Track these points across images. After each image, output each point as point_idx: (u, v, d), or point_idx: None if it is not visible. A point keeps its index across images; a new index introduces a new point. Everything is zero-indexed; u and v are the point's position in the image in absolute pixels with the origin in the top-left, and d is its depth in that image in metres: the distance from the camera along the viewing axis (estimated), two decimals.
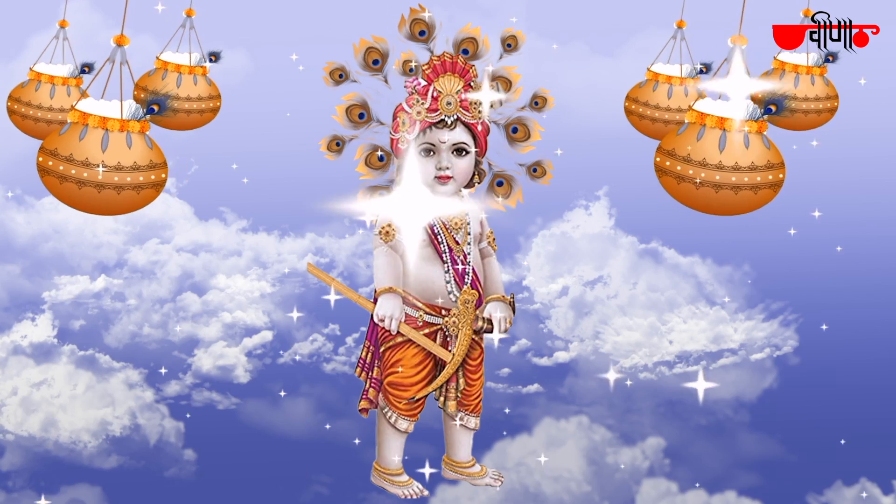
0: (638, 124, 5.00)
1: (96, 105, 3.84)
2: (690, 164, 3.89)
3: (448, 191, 3.56)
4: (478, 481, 3.81)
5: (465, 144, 3.53)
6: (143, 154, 3.81)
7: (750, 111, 3.84)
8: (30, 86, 5.04)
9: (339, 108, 3.62)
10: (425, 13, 3.57)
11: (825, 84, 4.92)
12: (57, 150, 3.78)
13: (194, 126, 5.02)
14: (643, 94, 5.01)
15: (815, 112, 4.86)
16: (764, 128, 3.90)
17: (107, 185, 3.75)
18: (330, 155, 3.65)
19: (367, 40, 3.55)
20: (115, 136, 3.78)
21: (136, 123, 3.78)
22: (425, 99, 3.52)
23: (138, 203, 3.86)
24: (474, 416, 3.73)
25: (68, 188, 3.77)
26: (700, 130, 3.91)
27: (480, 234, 3.70)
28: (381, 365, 3.63)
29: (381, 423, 3.67)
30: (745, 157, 3.85)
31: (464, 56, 3.58)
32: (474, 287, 3.62)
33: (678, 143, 3.95)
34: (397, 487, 3.69)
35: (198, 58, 5.03)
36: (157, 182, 3.86)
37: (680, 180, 3.90)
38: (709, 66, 4.86)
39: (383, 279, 3.52)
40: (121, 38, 3.99)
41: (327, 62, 3.60)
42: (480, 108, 3.60)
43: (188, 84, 5.01)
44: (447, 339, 3.61)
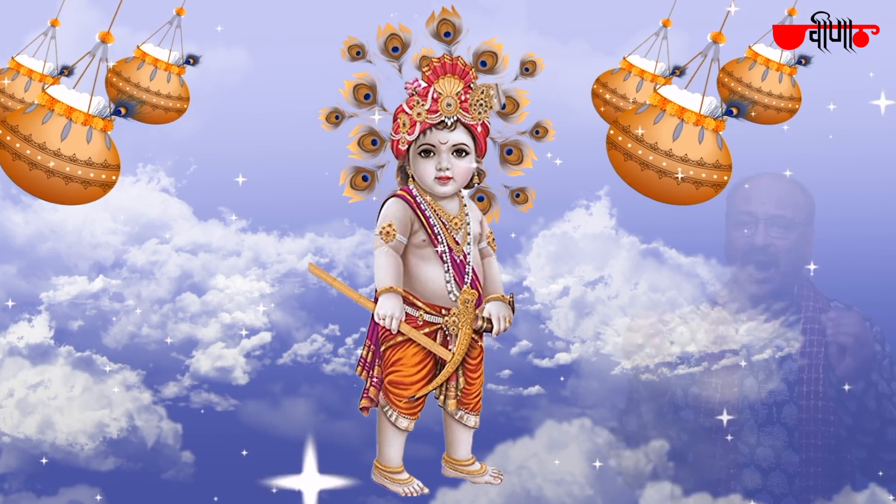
0: (601, 109, 5.01)
1: (66, 94, 3.95)
2: (641, 145, 3.97)
3: (448, 191, 3.65)
4: (477, 479, 3.88)
5: (464, 146, 3.62)
6: (100, 152, 3.92)
7: (712, 108, 3.95)
8: (7, 73, 5.08)
9: (348, 83, 3.71)
10: (456, 17, 3.69)
11: (791, 85, 4.93)
12: (17, 128, 3.87)
13: (158, 122, 5.08)
14: (613, 81, 5.01)
15: (775, 109, 4.87)
16: (721, 127, 3.98)
17: (57, 173, 3.83)
18: (327, 126, 3.74)
19: (392, 26, 3.66)
20: (77, 128, 3.88)
21: (101, 120, 3.89)
22: (425, 100, 3.61)
23: (82, 198, 3.93)
24: (474, 415, 3.80)
25: (19, 166, 3.86)
26: (658, 114, 3.99)
27: (480, 234, 3.78)
28: (382, 364, 3.71)
29: (382, 422, 3.75)
30: (696, 151, 3.93)
31: (481, 68, 3.70)
32: (474, 287, 3.70)
33: (634, 122, 4.03)
34: (398, 485, 3.77)
35: (177, 57, 5.09)
36: (106, 182, 3.95)
37: (627, 157, 3.97)
38: (683, 71, 4.92)
39: (384, 279, 3.60)
40: (106, 35, 4.10)
41: (349, 37, 3.69)
42: (481, 110, 3.73)
43: (161, 79, 5.05)
44: (447, 339, 3.69)
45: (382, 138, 3.74)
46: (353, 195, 3.77)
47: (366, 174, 3.75)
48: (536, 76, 3.79)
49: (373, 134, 3.73)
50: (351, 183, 3.75)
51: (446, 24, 3.70)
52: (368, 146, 3.75)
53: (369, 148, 3.74)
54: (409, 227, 3.66)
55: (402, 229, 3.64)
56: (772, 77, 4.86)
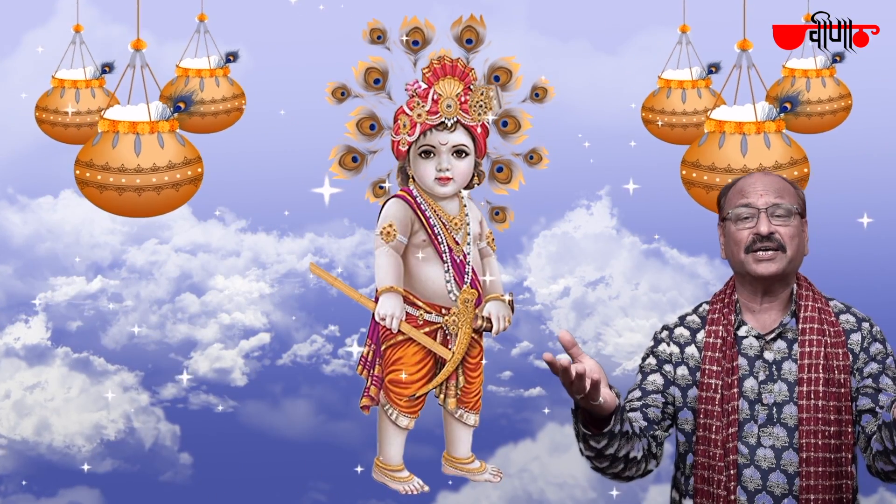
0: (657, 132, 5.17)
1: (123, 111, 4.04)
2: (716, 173, 4.10)
3: (448, 192, 3.76)
4: (477, 477, 4.00)
5: (464, 146, 3.73)
6: (177, 152, 4.00)
7: (767, 112, 4.07)
8: (55, 93, 5.22)
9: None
10: (482, 28, 3.82)
11: (836, 84, 5.09)
12: (92, 161, 3.97)
13: (224, 127, 5.19)
14: (658, 102, 5.18)
15: (831, 113, 5.03)
16: (782, 126, 4.11)
17: (146, 188, 3.93)
18: (331, 100, 3.85)
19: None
20: (147, 139, 3.97)
21: (166, 123, 3.98)
22: (426, 102, 3.73)
23: (179, 201, 4.04)
24: (474, 413, 3.91)
25: (109, 196, 3.95)
26: (720, 138, 4.12)
27: (480, 234, 3.89)
28: (383, 363, 3.81)
29: (383, 420, 3.86)
30: (769, 156, 4.06)
31: (495, 82, 3.83)
32: (474, 286, 3.82)
33: (701, 154, 4.17)
34: (398, 483, 3.89)
35: (216, 60, 5.21)
36: (193, 177, 4.04)
37: (708, 189, 4.10)
38: (718, 66, 5.02)
39: (384, 279, 3.72)
40: (137, 42, 4.19)
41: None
42: (480, 111, 3.85)
43: (211, 87, 5.20)
44: (447, 338, 3.81)
45: (381, 125, 3.84)
46: (339, 173, 3.87)
47: (356, 155, 3.85)
48: (545, 102, 3.92)
49: (372, 119, 3.83)
50: (340, 161, 3.86)
51: (470, 32, 3.82)
52: (366, 130, 3.85)
53: (367, 132, 3.84)
54: (410, 228, 3.76)
55: (403, 229, 3.74)
56: (815, 85, 5.02)
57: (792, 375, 2.57)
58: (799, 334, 2.59)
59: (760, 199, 2.59)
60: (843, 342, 2.59)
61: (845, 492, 2.53)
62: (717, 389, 2.58)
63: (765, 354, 2.61)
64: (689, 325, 2.70)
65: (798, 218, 2.62)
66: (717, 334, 2.63)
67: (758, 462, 2.56)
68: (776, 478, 2.54)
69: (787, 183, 2.65)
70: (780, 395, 2.56)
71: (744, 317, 2.65)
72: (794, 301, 2.63)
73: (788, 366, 2.57)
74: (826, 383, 2.54)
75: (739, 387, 2.58)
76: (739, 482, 2.56)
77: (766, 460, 2.55)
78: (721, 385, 2.60)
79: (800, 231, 2.62)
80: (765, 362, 2.60)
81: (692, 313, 2.73)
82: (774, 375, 2.59)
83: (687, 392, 2.65)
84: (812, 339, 2.58)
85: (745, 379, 2.59)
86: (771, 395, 2.56)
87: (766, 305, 2.64)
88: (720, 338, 2.63)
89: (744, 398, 2.58)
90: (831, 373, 2.56)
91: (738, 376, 2.59)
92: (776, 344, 2.61)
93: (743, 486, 2.56)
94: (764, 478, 2.55)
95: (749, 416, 2.57)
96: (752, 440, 2.56)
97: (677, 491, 2.68)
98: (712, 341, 2.63)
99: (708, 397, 2.59)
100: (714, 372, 2.60)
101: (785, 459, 2.55)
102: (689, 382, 2.65)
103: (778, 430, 2.54)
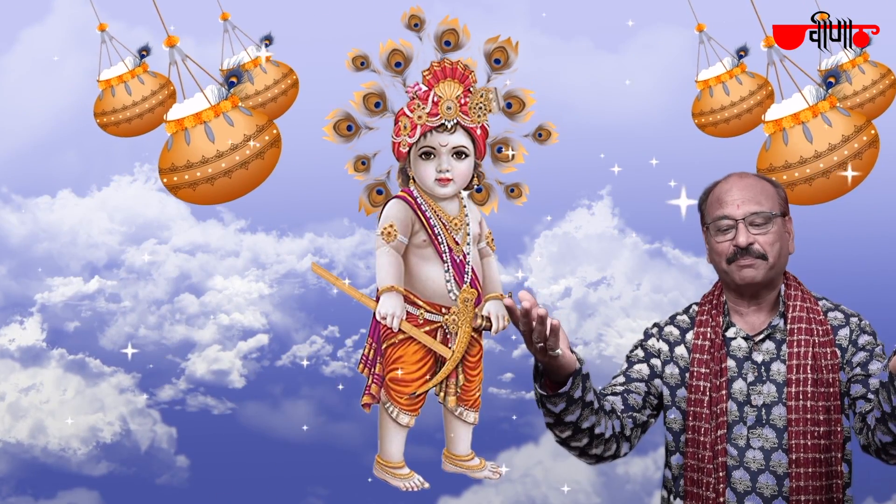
0: (715, 132, 5.25)
1: (183, 108, 4.19)
2: (792, 168, 4.28)
3: (448, 193, 3.93)
4: (476, 474, 4.15)
5: (464, 148, 3.90)
6: (248, 124, 4.15)
7: (815, 93, 4.26)
8: (106, 95, 5.32)
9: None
10: (514, 53, 3.99)
11: (874, 66, 5.12)
12: (174, 165, 4.11)
13: (285, 109, 5.25)
14: (706, 104, 5.26)
15: (881, 94, 5.06)
16: (834, 101, 4.29)
17: (233, 168, 4.07)
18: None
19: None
20: (216, 123, 4.12)
21: (226, 102, 4.12)
22: (426, 104, 3.89)
23: (267, 168, 4.17)
24: (473, 411, 4.07)
25: (204, 191, 4.11)
26: (783, 135, 4.30)
27: (479, 234, 4.05)
28: (383, 361, 3.96)
29: (384, 418, 4.02)
30: (834, 134, 4.26)
31: (507, 109, 4.00)
32: (473, 286, 3.98)
33: (769, 159, 4.34)
34: (399, 480, 4.04)
35: (254, 50, 5.29)
36: (273, 140, 4.17)
37: (791, 186, 4.25)
38: (747, 50, 5.07)
39: (385, 278, 3.88)
40: (170, 39, 4.34)
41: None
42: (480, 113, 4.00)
43: (259, 76, 5.28)
44: (447, 337, 3.97)
45: (387, 107, 3.98)
46: (332, 137, 4.03)
47: (351, 124, 4.01)
48: (547, 144, 4.10)
49: (381, 97, 3.99)
50: (335, 125, 4.02)
51: (501, 52, 3.99)
52: (371, 105, 3.99)
53: (371, 107, 3.99)
54: (410, 228, 3.92)
55: (403, 230, 3.90)
56: (855, 74, 5.08)
57: (781, 376, 2.62)
58: (787, 335, 2.65)
59: (738, 209, 2.65)
60: (832, 341, 2.64)
61: (836, 492, 2.59)
62: (706, 391, 2.65)
63: (753, 356, 2.66)
64: (679, 325, 2.78)
65: (779, 220, 2.66)
66: (705, 336, 2.71)
67: (747, 464, 2.62)
68: (765, 479, 2.61)
69: (765, 183, 2.71)
70: (769, 396, 2.62)
71: (732, 318, 2.71)
72: (783, 302, 2.69)
73: (777, 367, 2.64)
74: (815, 383, 2.60)
75: (728, 388, 2.63)
76: (729, 484, 2.62)
77: (756, 462, 2.61)
78: (709, 387, 2.65)
79: (781, 234, 2.67)
80: (753, 363, 2.65)
81: (682, 313, 2.81)
82: (763, 377, 2.64)
83: (676, 391, 2.70)
84: (800, 340, 2.64)
85: (733, 381, 2.64)
86: (760, 397, 2.63)
87: (754, 308, 2.70)
88: (708, 339, 2.69)
89: (732, 400, 2.63)
90: (820, 373, 2.60)
91: (726, 378, 2.64)
92: (765, 345, 2.66)
93: (732, 487, 2.62)
94: (753, 479, 2.61)
95: (738, 418, 2.62)
96: (741, 442, 2.61)
97: (668, 491, 2.76)
98: (700, 343, 2.70)
99: (696, 399, 2.67)
100: (702, 374, 2.67)
101: (774, 460, 2.61)
102: (678, 382, 2.72)
103: (767, 432, 2.60)
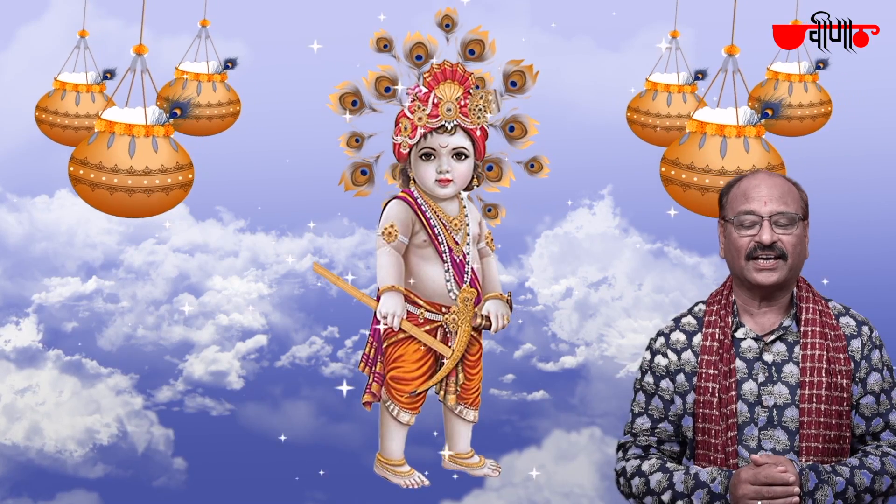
0: (641, 133, 5.43)
1: (121, 113, 4.32)
2: (695, 172, 4.39)
3: (448, 193, 4.04)
4: (476, 471, 4.27)
5: (464, 149, 4.01)
6: (170, 156, 4.30)
7: (748, 116, 4.33)
8: (55, 95, 5.53)
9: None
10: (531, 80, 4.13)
11: (818, 90, 5.37)
12: (87, 159, 4.27)
13: (217, 131, 5.48)
14: (644, 104, 5.45)
15: (811, 118, 5.32)
16: (762, 132, 4.37)
17: (137, 189, 4.23)
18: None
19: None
20: (142, 142, 4.27)
21: (161, 128, 4.27)
22: (426, 105, 4.01)
23: (168, 204, 4.32)
24: (473, 409, 4.19)
25: (100, 195, 4.25)
26: (701, 139, 4.41)
27: (479, 234, 4.16)
28: (384, 360, 4.08)
29: (384, 416, 4.14)
30: (747, 160, 4.33)
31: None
32: (473, 285, 4.09)
33: (681, 153, 4.45)
34: (399, 477, 4.16)
35: (215, 65, 5.50)
36: (184, 182, 4.33)
37: (686, 188, 4.38)
38: (704, 73, 5.28)
39: (386, 278, 4.00)
40: (140, 47, 4.46)
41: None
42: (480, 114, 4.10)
43: (208, 91, 5.49)
44: (447, 336, 4.08)
45: (396, 93, 4.10)
46: (334, 107, 4.14)
47: (356, 100, 4.13)
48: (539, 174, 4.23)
49: (393, 82, 4.10)
50: (341, 97, 4.13)
51: (518, 76, 4.13)
52: (381, 89, 4.10)
53: (381, 91, 4.10)
54: (411, 228, 4.04)
55: (404, 230, 4.02)
56: (797, 90, 5.30)
57: (793, 378, 2.63)
58: (801, 337, 2.65)
59: (765, 206, 2.64)
60: (844, 346, 2.64)
61: None
62: (715, 393, 2.64)
63: (764, 356, 2.67)
64: (685, 329, 2.76)
65: (801, 223, 2.66)
66: (713, 337, 2.69)
67: None
68: None
69: (791, 185, 2.70)
70: (781, 397, 2.62)
71: (742, 318, 2.71)
72: (795, 304, 2.69)
73: (790, 368, 2.64)
74: (828, 387, 2.60)
75: (738, 390, 2.64)
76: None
77: None
78: (718, 388, 2.64)
79: (802, 237, 2.66)
80: (764, 364, 2.66)
81: (688, 314, 2.78)
82: (774, 377, 2.64)
83: (686, 397, 2.71)
84: (815, 343, 2.64)
85: (743, 382, 2.65)
86: (771, 398, 2.62)
87: (765, 309, 2.71)
88: (717, 341, 2.69)
89: (743, 401, 2.64)
90: (833, 377, 2.61)
91: (735, 379, 2.65)
92: (775, 346, 2.67)
93: None
94: None
95: (749, 419, 2.63)
96: (752, 444, 2.62)
97: None
98: (709, 344, 2.69)
99: (706, 401, 2.65)
100: (711, 375, 2.66)
101: None
102: (687, 388, 2.70)
103: (779, 434, 2.61)
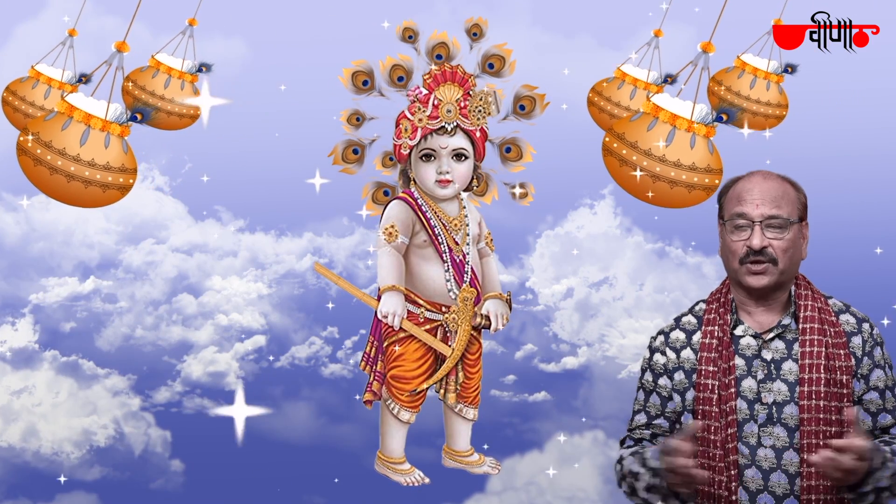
0: (597, 117, 5.45)
1: (85, 101, 4.44)
2: (635, 151, 4.52)
3: (448, 194, 4.17)
4: (476, 469, 4.39)
5: (464, 150, 4.15)
6: (118, 156, 4.43)
7: (703, 115, 4.45)
8: (28, 82, 5.61)
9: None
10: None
11: (779, 92, 5.40)
12: (38, 134, 4.39)
13: (170, 128, 5.54)
14: (608, 90, 5.49)
15: (763, 116, 5.35)
16: (712, 133, 4.48)
17: (77, 177, 4.37)
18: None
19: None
20: (95, 134, 4.40)
21: (118, 126, 4.40)
22: (426, 107, 4.14)
23: (101, 201, 4.45)
24: (473, 408, 4.31)
25: (41, 172, 4.39)
26: (652, 122, 4.53)
27: (479, 234, 4.29)
28: (385, 359, 4.20)
29: (385, 415, 4.26)
30: (688, 156, 4.47)
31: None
32: (473, 285, 4.22)
33: (629, 129, 4.57)
34: (400, 475, 4.28)
35: (190, 65, 5.59)
36: (123, 185, 4.45)
37: (622, 163, 4.51)
38: (674, 79, 5.35)
39: (386, 277, 4.12)
40: (122, 44, 4.60)
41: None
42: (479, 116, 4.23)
43: (175, 87, 5.56)
44: (447, 335, 4.21)
45: (374, 85, 4.26)
46: (345, 81, 4.29)
47: (368, 80, 4.28)
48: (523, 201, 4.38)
49: (405, 71, 4.25)
50: (353, 74, 4.28)
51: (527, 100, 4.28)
52: (394, 78, 4.26)
53: (394, 81, 4.26)
54: (411, 229, 4.17)
55: (404, 230, 4.14)
56: (759, 85, 5.34)
57: (792, 375, 2.69)
58: (799, 334, 2.72)
59: (756, 209, 2.68)
60: (845, 343, 2.71)
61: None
62: (714, 390, 2.70)
63: (763, 353, 2.73)
64: (685, 327, 2.84)
65: (796, 226, 2.71)
66: (712, 334, 2.75)
67: (759, 462, 2.69)
68: (777, 478, 2.69)
69: (788, 187, 2.75)
70: (780, 394, 2.69)
71: (740, 316, 2.77)
72: (794, 302, 2.76)
73: (789, 366, 2.70)
74: (827, 383, 2.67)
75: (737, 387, 2.70)
76: (741, 482, 2.69)
77: (767, 460, 2.69)
78: (718, 385, 2.71)
79: (796, 240, 2.71)
80: (763, 361, 2.72)
81: (688, 313, 2.87)
82: (773, 374, 2.70)
83: (685, 395, 2.78)
84: (813, 339, 2.71)
85: (742, 379, 2.71)
86: (770, 395, 2.69)
87: (763, 308, 2.78)
88: (716, 338, 2.75)
89: (742, 398, 2.70)
90: (833, 373, 2.67)
91: (734, 376, 2.71)
92: (774, 343, 2.74)
93: (744, 486, 2.70)
94: (765, 478, 2.68)
95: (748, 416, 2.69)
96: (752, 440, 2.69)
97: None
98: (708, 342, 2.75)
99: (705, 398, 2.71)
100: (710, 372, 2.72)
101: (786, 459, 2.68)
102: (687, 386, 2.78)
103: (778, 430, 2.68)
